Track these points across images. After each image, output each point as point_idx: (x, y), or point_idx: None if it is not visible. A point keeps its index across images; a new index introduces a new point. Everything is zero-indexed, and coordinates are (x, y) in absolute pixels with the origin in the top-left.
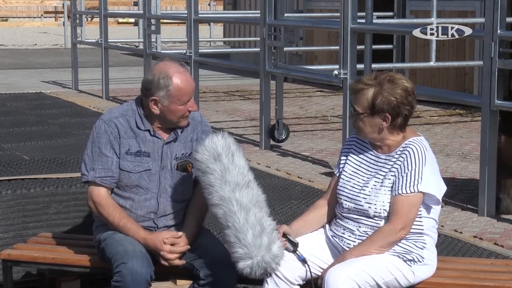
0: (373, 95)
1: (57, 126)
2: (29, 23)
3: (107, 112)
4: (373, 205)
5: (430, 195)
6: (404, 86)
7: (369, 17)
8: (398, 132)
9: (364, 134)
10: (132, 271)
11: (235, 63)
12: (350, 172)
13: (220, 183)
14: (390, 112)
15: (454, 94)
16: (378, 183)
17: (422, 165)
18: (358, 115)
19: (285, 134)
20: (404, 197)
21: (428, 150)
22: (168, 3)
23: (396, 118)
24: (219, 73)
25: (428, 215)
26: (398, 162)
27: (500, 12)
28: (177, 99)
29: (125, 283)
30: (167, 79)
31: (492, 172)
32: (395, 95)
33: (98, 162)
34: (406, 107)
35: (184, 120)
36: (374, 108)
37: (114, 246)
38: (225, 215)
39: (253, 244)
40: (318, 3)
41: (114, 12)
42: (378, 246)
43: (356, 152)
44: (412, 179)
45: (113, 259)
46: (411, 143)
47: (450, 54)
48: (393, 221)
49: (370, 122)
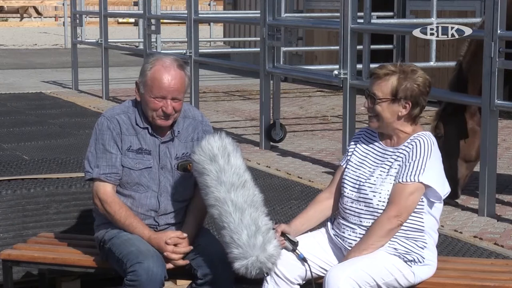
0: (398, 82)
1: (57, 126)
2: (29, 23)
3: (109, 110)
4: (378, 194)
5: (432, 189)
6: (425, 77)
7: (368, 17)
8: (411, 123)
9: (381, 120)
10: (148, 271)
11: (235, 63)
12: (356, 163)
13: (215, 184)
14: (411, 100)
15: (454, 94)
16: (384, 172)
17: (427, 157)
18: (378, 101)
19: (282, 134)
20: (403, 186)
21: (435, 145)
22: (168, 3)
23: (415, 107)
24: (219, 73)
25: (429, 212)
26: (404, 152)
27: (500, 12)
28: (149, 89)
29: (141, 282)
30: (149, 65)
31: (492, 172)
32: (418, 84)
33: (103, 159)
34: (424, 97)
35: (159, 119)
36: (397, 94)
37: (125, 246)
38: (220, 216)
39: (247, 244)
40: (318, 3)
41: (114, 12)
42: (377, 236)
43: (364, 143)
44: (414, 169)
45: (125, 259)
46: (419, 136)
47: (450, 54)
48: (388, 208)
49: (389, 109)
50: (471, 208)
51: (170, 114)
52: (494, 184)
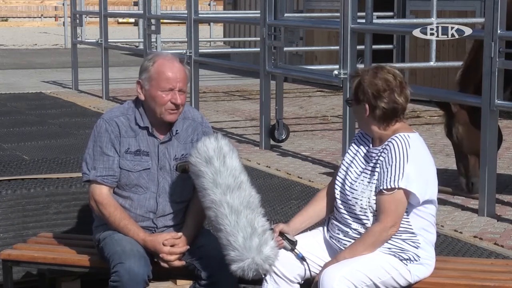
0: (356, 85)
1: (57, 126)
2: (29, 23)
3: (108, 112)
4: (360, 201)
5: (411, 192)
6: (385, 78)
7: (369, 17)
8: (385, 127)
9: (358, 123)
10: (129, 271)
11: (235, 63)
12: (346, 165)
13: (211, 186)
14: (368, 102)
15: (454, 94)
16: (366, 178)
17: (404, 161)
18: (349, 102)
19: (285, 134)
20: (389, 195)
21: (412, 147)
22: (168, 3)
23: (375, 110)
24: (219, 73)
25: (416, 214)
26: (381, 156)
27: (500, 12)
28: (156, 83)
29: (122, 283)
30: (151, 61)
31: (492, 172)
32: (372, 87)
33: (100, 161)
34: (384, 100)
35: (169, 114)
36: (357, 97)
37: (113, 245)
38: (216, 218)
39: (243, 246)
40: (318, 3)
41: (114, 12)
42: (370, 246)
43: (356, 145)
44: (392, 174)
45: (111, 259)
46: (394, 138)
47: (450, 54)
48: (383, 219)
49: (356, 111)
50: (471, 208)
51: (180, 104)
52: (494, 184)
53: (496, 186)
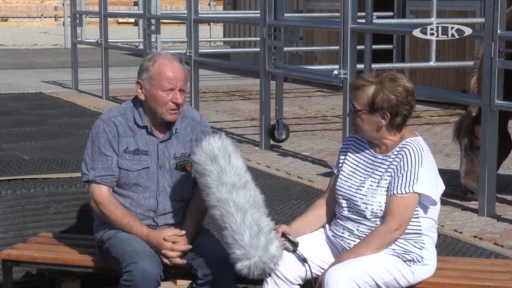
0: (374, 93)
1: (57, 126)
2: (29, 23)
3: (106, 112)
4: (370, 205)
5: (426, 195)
6: (405, 86)
7: (369, 17)
8: (395, 132)
9: (361, 131)
10: (142, 271)
11: (235, 63)
12: (348, 172)
13: (217, 184)
14: (389, 110)
15: (454, 94)
16: (374, 183)
17: (419, 165)
18: (356, 112)
19: (285, 134)
20: (399, 198)
21: (425, 150)
22: (168, 3)
23: (395, 117)
24: (219, 73)
25: (425, 215)
26: (394, 162)
27: (500, 12)
28: (157, 83)
29: (136, 282)
30: (151, 62)
31: (492, 172)
32: (396, 94)
33: (98, 161)
34: (405, 107)
35: (170, 114)
36: (374, 105)
37: (121, 245)
38: (222, 217)
39: (250, 244)
40: (318, 3)
41: (114, 12)
42: (374, 248)
43: (354, 151)
44: (407, 180)
45: (121, 259)
46: (408, 144)
47: (450, 54)
48: (388, 221)
49: (368, 120)
50: (471, 208)
51: (181, 104)
52: (494, 184)
53: (496, 186)
